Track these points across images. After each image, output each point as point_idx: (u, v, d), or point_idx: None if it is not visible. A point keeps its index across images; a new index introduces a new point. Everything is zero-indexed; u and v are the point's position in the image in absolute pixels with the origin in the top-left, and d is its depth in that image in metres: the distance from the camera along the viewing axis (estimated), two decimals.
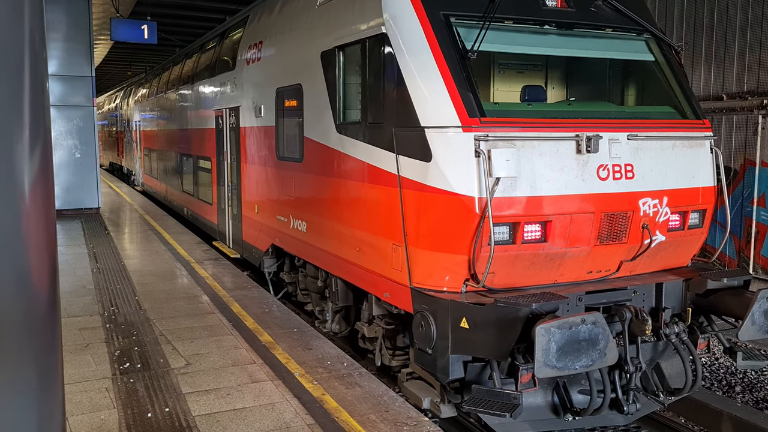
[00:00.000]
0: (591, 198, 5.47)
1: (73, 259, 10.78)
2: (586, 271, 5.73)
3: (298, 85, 7.79)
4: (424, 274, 5.51)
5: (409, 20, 5.61)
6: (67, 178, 16.00)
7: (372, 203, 6.16)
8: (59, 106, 15.71)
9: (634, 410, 5.59)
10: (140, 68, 36.98)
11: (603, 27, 6.25)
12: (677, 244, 6.09)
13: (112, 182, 26.39)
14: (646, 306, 5.80)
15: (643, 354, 5.56)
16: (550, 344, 4.56)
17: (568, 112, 5.78)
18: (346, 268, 6.82)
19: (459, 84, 5.33)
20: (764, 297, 5.41)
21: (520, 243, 5.32)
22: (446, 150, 5.24)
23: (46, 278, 2.34)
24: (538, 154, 5.32)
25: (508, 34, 5.87)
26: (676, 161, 5.93)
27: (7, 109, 2.01)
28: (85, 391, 5.42)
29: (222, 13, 19.91)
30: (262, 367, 6.02)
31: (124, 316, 7.60)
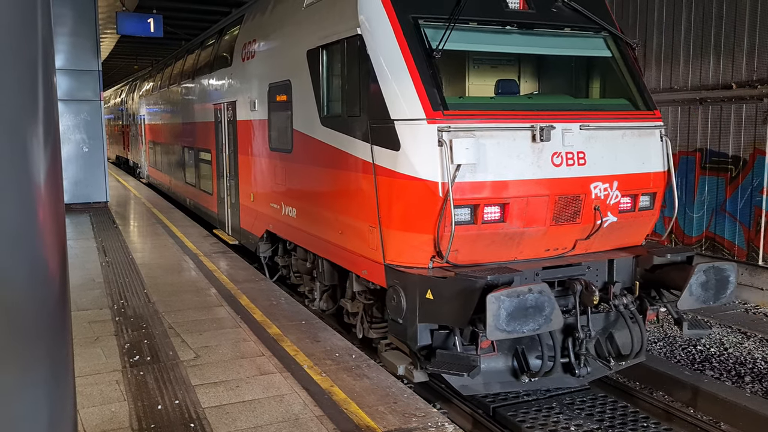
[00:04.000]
0: (545, 182, 6.01)
1: (83, 253, 10.84)
2: (544, 248, 6.28)
3: (288, 81, 8.30)
4: (395, 253, 6.08)
5: (381, 22, 6.14)
6: (76, 172, 16.06)
7: (351, 189, 6.69)
8: (67, 101, 15.76)
9: (585, 373, 6.20)
10: (147, 62, 37.02)
11: (562, 26, 6.77)
12: (629, 224, 6.61)
13: (119, 175, 26.49)
14: (599, 280, 6.38)
15: (594, 323, 6.17)
16: (500, 310, 5.17)
17: (526, 105, 6.32)
18: (331, 250, 7.39)
19: (425, 80, 5.86)
20: (701, 270, 6.04)
21: (480, 223, 5.86)
22: (413, 140, 5.80)
23: (56, 272, 2.35)
24: (497, 143, 5.86)
25: (473, 34, 6.40)
26: (627, 149, 6.47)
27: (20, 104, 2.02)
28: (96, 384, 5.46)
29: (227, 6, 19.88)
30: (270, 359, 6.05)
31: (134, 309, 7.64)
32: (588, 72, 7.47)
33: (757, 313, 9.31)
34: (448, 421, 4.92)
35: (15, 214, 2.01)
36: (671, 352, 8.14)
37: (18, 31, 1.98)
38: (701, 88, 10.22)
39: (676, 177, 10.66)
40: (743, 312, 9.39)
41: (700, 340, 8.40)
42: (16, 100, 1.99)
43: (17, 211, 2.02)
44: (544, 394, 6.86)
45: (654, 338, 8.54)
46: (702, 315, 9.15)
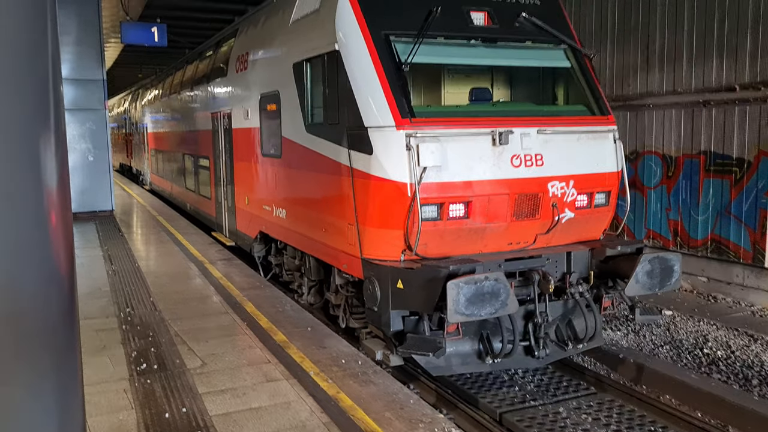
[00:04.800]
0: (505, 182, 6.60)
1: (89, 262, 10.87)
2: (507, 242, 6.87)
3: (277, 91, 8.87)
4: (371, 247, 6.67)
5: (355, 39, 6.71)
6: (81, 181, 16.12)
7: (333, 191, 7.24)
8: (72, 110, 15.84)
9: (544, 355, 6.77)
10: (150, 70, 37.14)
11: (524, 40, 7.36)
12: (586, 220, 7.21)
13: (123, 183, 26.59)
14: (558, 271, 6.94)
15: (552, 310, 6.79)
16: (460, 296, 5.71)
17: (487, 111, 6.94)
18: (316, 247, 8.00)
19: (394, 91, 6.42)
20: (646, 260, 6.61)
21: (446, 219, 6.43)
22: (384, 145, 6.36)
23: (65, 281, 2.37)
24: (460, 147, 6.44)
25: (440, 48, 6.99)
26: (582, 151, 7.05)
27: (33, 115, 2.04)
28: (104, 392, 5.48)
29: (231, 14, 19.96)
30: (277, 367, 6.06)
31: (140, 318, 7.66)
32: (552, 81, 8.11)
33: (764, 315, 9.28)
34: (454, 426, 4.92)
35: (26, 223, 2.03)
36: (678, 355, 8.12)
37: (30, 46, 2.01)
38: (705, 91, 10.21)
39: (681, 180, 10.66)
40: (750, 315, 9.36)
41: (707, 344, 8.37)
42: (29, 111, 2.01)
43: (28, 220, 2.04)
44: (550, 399, 6.86)
45: (660, 342, 8.52)
46: (705, 317, 9.13)
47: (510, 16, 7.32)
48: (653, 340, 8.59)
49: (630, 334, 8.78)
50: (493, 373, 7.55)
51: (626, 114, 11.63)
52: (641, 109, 11.32)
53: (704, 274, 10.48)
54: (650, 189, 11.28)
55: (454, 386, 7.20)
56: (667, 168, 10.93)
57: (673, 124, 10.80)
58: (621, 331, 8.79)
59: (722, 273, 10.20)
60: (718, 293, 10.24)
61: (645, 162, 11.34)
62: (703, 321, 9.13)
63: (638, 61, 11.34)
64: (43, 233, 2.12)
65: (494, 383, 7.30)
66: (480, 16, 7.20)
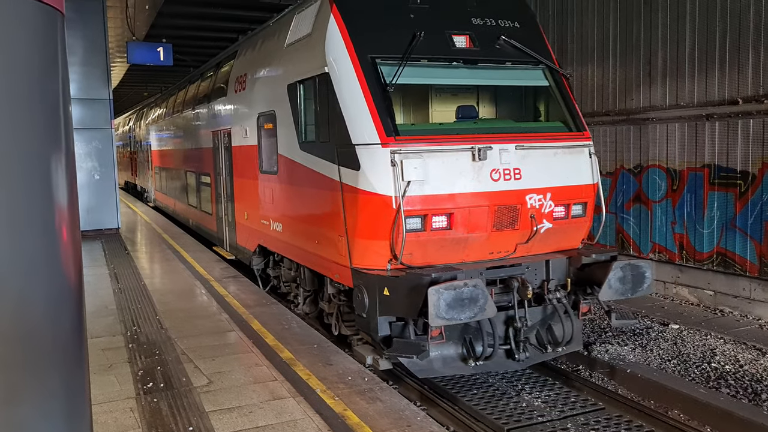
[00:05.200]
0: (485, 195, 6.98)
1: (95, 280, 10.91)
2: (488, 251, 7.21)
3: (273, 111, 9.24)
4: (360, 257, 7.02)
5: (344, 62, 7.11)
6: (88, 199, 16.20)
7: (324, 204, 7.63)
8: (79, 129, 15.95)
9: (524, 358, 7.09)
10: (156, 89, 37.42)
11: (503, 61, 7.79)
12: (564, 230, 7.58)
13: (128, 200, 26.70)
14: (537, 278, 7.33)
15: (532, 315, 7.16)
16: (440, 301, 6.03)
17: (468, 129, 7.34)
18: (310, 258, 8.37)
19: (380, 111, 6.82)
20: (618, 267, 7.00)
21: (429, 230, 6.82)
22: (370, 161, 6.73)
23: (74, 301, 2.39)
24: (441, 162, 6.83)
25: (424, 69, 7.39)
26: (559, 165, 7.45)
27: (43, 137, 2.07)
28: (110, 411, 5.48)
29: (235, 33, 20.14)
30: (283, 384, 6.05)
31: (146, 336, 7.67)
32: (532, 99, 8.54)
33: None
34: None
35: (37, 242, 2.06)
36: (685, 369, 8.08)
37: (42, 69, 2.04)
38: (708, 104, 10.24)
39: (686, 193, 10.66)
40: (758, 328, 9.31)
41: (715, 358, 8.33)
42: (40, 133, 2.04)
43: (39, 240, 2.06)
44: (558, 415, 6.82)
45: (668, 356, 8.48)
46: (713, 331, 9.08)
47: (490, 39, 7.77)
48: (660, 354, 8.55)
49: (637, 348, 8.74)
50: (500, 389, 7.52)
51: (630, 128, 11.65)
52: (645, 123, 11.35)
53: (710, 287, 10.45)
54: (655, 203, 11.28)
55: (461, 402, 7.18)
56: (672, 181, 10.93)
57: (677, 138, 10.81)
58: (628, 346, 8.75)
59: (728, 286, 10.16)
60: (725, 307, 10.19)
61: (649, 176, 11.34)
62: (711, 335, 9.08)
63: (641, 75, 11.39)
64: (53, 253, 2.15)
65: (501, 399, 7.26)
66: (462, 39, 7.63)
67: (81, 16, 15.54)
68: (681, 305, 10.64)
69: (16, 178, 1.97)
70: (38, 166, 2.08)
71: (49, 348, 2.26)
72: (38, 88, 2.09)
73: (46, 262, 2.16)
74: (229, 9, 19.71)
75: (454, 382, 7.74)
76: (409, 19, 7.45)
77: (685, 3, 10.51)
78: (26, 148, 2.01)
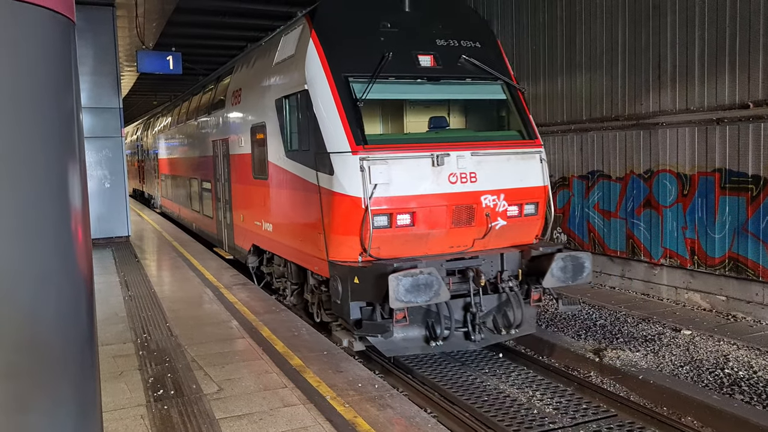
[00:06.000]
0: (444, 196, 7.85)
1: (106, 288, 10.94)
2: (448, 246, 8.06)
3: (264, 122, 10.11)
4: (335, 251, 7.87)
5: (321, 80, 7.99)
6: (98, 207, 16.28)
7: (306, 205, 8.52)
8: (89, 138, 16.04)
9: (479, 339, 7.92)
10: (165, 97, 37.62)
11: (464, 78, 8.62)
12: (518, 227, 8.42)
13: (137, 208, 26.84)
14: (493, 270, 8.11)
15: (487, 302, 8.04)
16: (399, 286, 6.88)
17: (429, 138, 8.27)
18: (295, 254, 9.29)
19: (351, 123, 7.69)
20: (560, 258, 7.84)
21: (394, 227, 7.67)
22: (342, 167, 7.61)
23: (84, 308, 2.39)
24: (405, 167, 7.70)
25: (392, 86, 8.25)
26: (512, 169, 8.30)
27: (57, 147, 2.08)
28: (121, 419, 5.48)
29: (243, 41, 20.25)
30: (293, 391, 6.04)
31: (156, 343, 7.68)
32: (494, 111, 9.39)
33: None
34: None
35: (49, 252, 2.06)
36: (698, 375, 8.00)
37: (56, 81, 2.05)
38: (718, 108, 10.18)
39: (697, 198, 10.59)
40: None
41: (728, 363, 8.25)
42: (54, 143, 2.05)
43: (51, 249, 2.06)
44: (570, 422, 6.77)
45: (680, 362, 8.41)
46: (725, 336, 9.00)
47: (453, 58, 8.62)
48: (673, 360, 8.48)
49: (649, 354, 8.68)
50: (511, 395, 7.48)
51: (639, 133, 11.60)
52: (654, 127, 11.30)
53: (723, 292, 10.36)
54: (665, 208, 11.21)
55: (471, 409, 7.14)
56: (682, 186, 10.86)
57: (687, 143, 10.75)
58: (640, 352, 8.69)
59: (741, 291, 10.08)
60: (738, 312, 10.10)
61: (659, 180, 11.28)
62: (724, 341, 9.00)
63: (650, 80, 11.35)
64: (64, 260, 2.15)
65: (512, 406, 7.22)
66: (427, 58, 8.48)
67: (91, 25, 15.66)
68: (693, 311, 10.55)
69: (28, 186, 1.97)
70: (50, 174, 2.08)
71: (60, 355, 2.26)
72: (50, 96, 2.09)
73: (58, 269, 2.16)
74: (238, 18, 19.82)
75: (464, 389, 7.71)
76: (380, 41, 8.30)
77: (694, 6, 10.47)
78: (38, 157, 2.01)
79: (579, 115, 12.97)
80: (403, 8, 8.66)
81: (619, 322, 10.21)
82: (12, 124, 1.92)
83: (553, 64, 13.56)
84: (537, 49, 13.98)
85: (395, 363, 8.79)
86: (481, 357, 8.94)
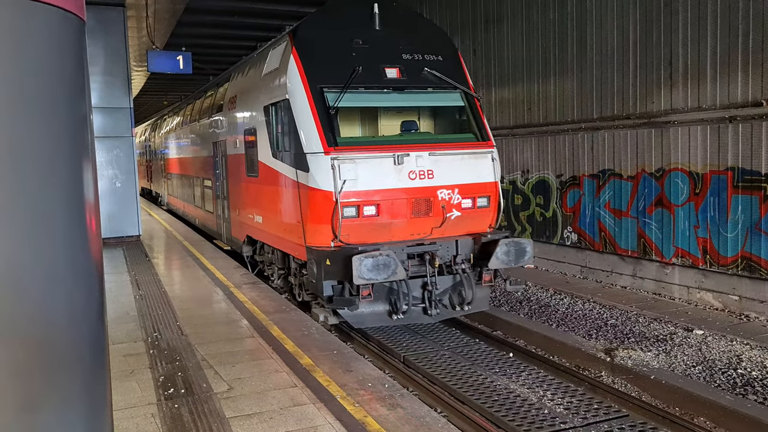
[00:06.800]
0: (405, 190, 9.03)
1: (117, 287, 10.99)
2: (410, 233, 9.20)
3: (254, 127, 11.31)
4: (311, 238, 9.06)
5: (299, 91, 9.20)
6: (109, 207, 16.35)
7: (288, 199, 9.69)
8: (100, 138, 16.10)
9: (435, 314, 9.08)
10: (175, 97, 37.76)
11: (426, 87, 9.82)
12: (471, 218, 9.52)
13: (147, 207, 26.96)
14: (449, 254, 9.22)
15: (443, 282, 9.25)
16: (361, 266, 8.09)
17: (392, 140, 9.40)
18: (280, 242, 10.51)
19: (324, 127, 8.86)
20: (504, 243, 8.99)
21: (362, 217, 8.85)
22: (317, 165, 8.80)
23: (95, 306, 2.39)
24: (370, 166, 8.86)
25: (362, 95, 9.44)
26: (465, 167, 9.42)
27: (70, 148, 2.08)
28: (132, 417, 5.50)
29: (253, 41, 20.27)
30: (303, 390, 6.04)
31: (167, 342, 7.71)
32: (455, 116, 10.46)
33: None
34: None
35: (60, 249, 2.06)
36: (711, 376, 7.94)
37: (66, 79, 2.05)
38: (730, 106, 10.09)
39: (709, 197, 10.51)
40: None
41: (741, 364, 8.18)
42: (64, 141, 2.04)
43: (62, 246, 2.06)
44: (581, 422, 6.73)
45: (693, 362, 8.35)
46: (738, 336, 8.92)
47: (417, 70, 9.79)
48: (685, 360, 8.42)
49: (661, 354, 8.62)
50: (521, 395, 7.45)
51: (651, 131, 11.53)
52: (666, 126, 11.21)
53: (735, 292, 10.27)
54: (677, 206, 11.12)
55: (482, 409, 7.11)
56: (695, 185, 10.78)
57: (699, 141, 10.67)
58: (652, 352, 8.63)
59: (754, 291, 9.99)
60: (751, 312, 10.02)
61: (671, 179, 11.20)
62: (736, 341, 8.92)
63: (662, 78, 11.27)
64: (75, 259, 2.15)
65: (522, 405, 7.19)
66: (393, 71, 9.62)
67: (102, 25, 15.72)
68: (705, 310, 10.47)
69: (39, 186, 1.97)
70: (62, 172, 2.08)
71: (71, 353, 2.26)
72: (61, 94, 2.09)
73: (69, 268, 2.15)
74: (248, 17, 19.85)
75: (474, 389, 7.68)
76: (352, 56, 9.46)
77: (706, 3, 10.38)
78: (49, 156, 2.01)
79: (590, 113, 12.90)
80: (374, 27, 9.86)
81: (630, 321, 10.14)
82: (26, 123, 1.92)
83: (563, 62, 13.49)
84: (547, 47, 13.92)
85: (405, 363, 8.78)
86: (492, 356, 8.91)
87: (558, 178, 13.91)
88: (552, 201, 14.12)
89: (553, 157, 14.04)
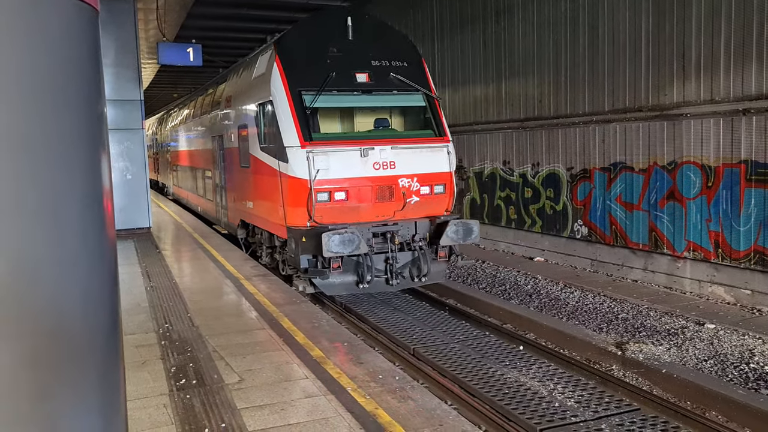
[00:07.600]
0: (369, 179, 10.43)
1: (128, 278, 11.05)
2: (375, 215, 10.57)
3: (246, 123, 12.75)
4: (291, 219, 10.52)
5: (281, 93, 10.68)
6: (120, 199, 16.40)
7: (273, 186, 11.08)
8: (111, 130, 16.15)
9: (395, 284, 10.53)
10: (185, 89, 37.83)
11: (392, 90, 11.26)
12: (429, 202, 10.93)
13: (154, 198, 27.07)
14: (408, 234, 10.68)
15: (402, 257, 10.65)
16: (330, 241, 9.56)
17: (359, 136, 11.01)
18: (266, 224, 12.01)
19: (301, 124, 10.34)
20: (453, 224, 10.49)
21: (333, 201, 10.26)
22: (294, 157, 10.29)
23: (109, 299, 2.40)
24: (340, 157, 10.31)
25: (335, 97, 10.94)
26: (423, 159, 10.88)
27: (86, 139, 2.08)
28: (144, 408, 5.53)
29: (263, 33, 20.25)
30: (314, 382, 6.05)
31: (178, 333, 7.74)
32: (419, 115, 11.79)
33: None
34: None
35: (75, 239, 2.06)
36: (723, 370, 7.90)
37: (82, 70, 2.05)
38: (744, 99, 9.99)
39: (721, 190, 10.43)
40: None
41: (753, 358, 8.13)
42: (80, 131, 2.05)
43: (77, 236, 2.07)
44: (592, 415, 6.72)
45: (704, 356, 8.30)
46: (751, 330, 8.86)
47: (384, 75, 11.21)
48: (696, 354, 8.37)
49: (672, 348, 8.58)
50: (532, 388, 7.43)
51: (663, 124, 11.44)
52: (678, 118, 11.12)
53: (747, 286, 10.20)
54: (689, 200, 11.05)
55: (492, 401, 7.11)
56: (707, 178, 10.70)
57: (712, 134, 10.58)
58: (663, 346, 8.59)
59: (767, 285, 9.91)
60: (763, 306, 9.95)
61: (683, 172, 11.12)
62: (749, 335, 8.87)
63: (674, 70, 11.17)
64: (90, 250, 2.15)
65: (533, 399, 7.18)
66: (363, 76, 11.05)
67: (112, 17, 15.74)
68: (717, 304, 10.41)
69: (55, 177, 1.97)
70: (76, 163, 2.08)
71: (85, 343, 2.26)
72: (76, 85, 2.09)
73: (84, 259, 2.16)
74: (258, 10, 19.83)
75: (485, 382, 7.68)
76: (327, 63, 10.87)
77: None
78: (65, 147, 2.01)
79: (601, 105, 12.81)
80: (347, 37, 11.24)
81: (641, 315, 10.10)
82: (42, 114, 1.92)
83: (574, 54, 13.40)
84: (558, 39, 13.82)
85: (415, 355, 8.79)
86: (502, 349, 8.90)
87: (568, 171, 13.84)
88: (562, 194, 14.06)
89: (563, 150, 13.97)
